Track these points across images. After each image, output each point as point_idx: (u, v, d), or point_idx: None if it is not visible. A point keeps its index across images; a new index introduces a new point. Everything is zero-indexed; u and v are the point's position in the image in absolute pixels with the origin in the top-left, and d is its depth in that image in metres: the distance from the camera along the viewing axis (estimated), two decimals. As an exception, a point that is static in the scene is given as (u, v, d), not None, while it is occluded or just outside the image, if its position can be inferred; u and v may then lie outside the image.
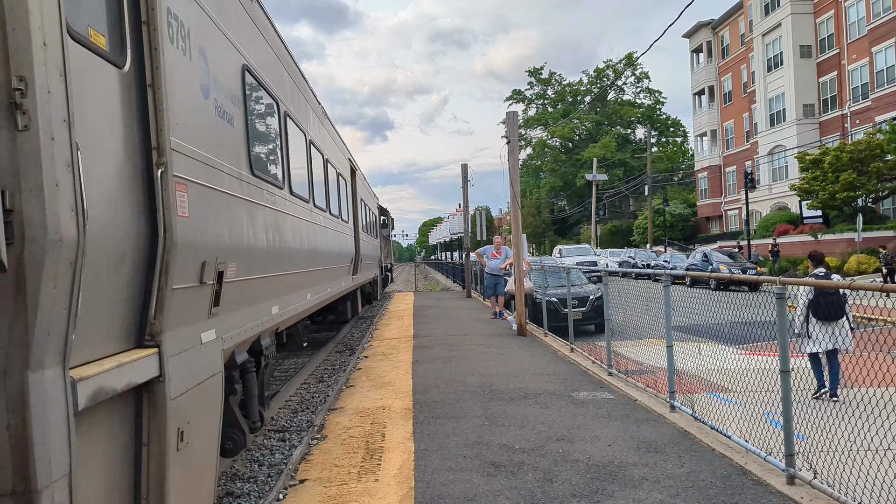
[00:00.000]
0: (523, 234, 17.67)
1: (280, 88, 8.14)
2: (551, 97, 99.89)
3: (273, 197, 7.16)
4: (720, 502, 5.66)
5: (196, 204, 4.52)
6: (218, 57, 5.30)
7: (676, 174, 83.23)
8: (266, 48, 7.43)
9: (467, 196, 32.99)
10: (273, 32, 7.97)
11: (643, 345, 11.76)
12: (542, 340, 15.70)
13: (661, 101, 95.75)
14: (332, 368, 14.04)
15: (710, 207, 67.64)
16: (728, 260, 35.66)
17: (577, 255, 48.19)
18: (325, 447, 7.77)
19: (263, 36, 7.28)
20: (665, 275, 9.22)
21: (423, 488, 6.23)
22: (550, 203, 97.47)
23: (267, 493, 6.62)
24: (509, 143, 17.06)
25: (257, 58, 6.78)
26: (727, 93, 65.01)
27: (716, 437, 7.43)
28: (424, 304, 28.47)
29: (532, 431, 7.99)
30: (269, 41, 7.59)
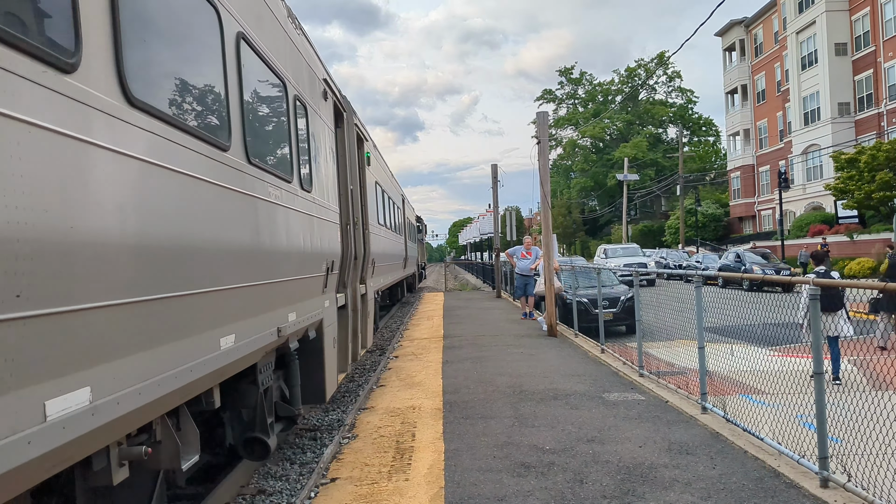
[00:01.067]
0: (553, 235, 17.59)
1: (388, 187, 16.63)
2: (582, 97, 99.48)
3: (381, 232, 15.38)
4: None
5: (374, 241, 12.61)
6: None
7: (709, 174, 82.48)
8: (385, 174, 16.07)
9: (497, 196, 32.99)
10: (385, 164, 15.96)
11: (674, 346, 11.69)
12: (572, 341, 15.65)
13: (693, 101, 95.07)
14: (362, 368, 14.12)
15: (743, 207, 66.95)
16: (761, 260, 35.25)
17: (624, 256, 42.66)
18: (355, 446, 7.82)
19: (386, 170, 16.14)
20: (697, 275, 9.16)
21: (454, 488, 6.25)
22: (581, 203, 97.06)
23: (299, 492, 6.68)
24: (540, 144, 17.03)
25: (383, 179, 16.11)
26: (760, 91, 64.31)
27: (748, 438, 7.37)
28: (454, 304, 28.50)
29: (562, 432, 7.98)
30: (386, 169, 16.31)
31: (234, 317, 4.82)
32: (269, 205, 5.71)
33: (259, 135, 5.76)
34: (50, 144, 2.81)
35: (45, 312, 2.75)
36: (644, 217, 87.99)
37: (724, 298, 8.98)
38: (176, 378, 3.89)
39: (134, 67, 3.63)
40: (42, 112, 2.82)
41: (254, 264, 5.24)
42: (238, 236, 4.96)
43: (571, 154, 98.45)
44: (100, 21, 3.34)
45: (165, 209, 3.81)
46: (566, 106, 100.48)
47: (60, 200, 2.85)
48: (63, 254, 2.85)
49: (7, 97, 2.60)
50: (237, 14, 5.16)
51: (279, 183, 6.06)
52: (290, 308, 6.36)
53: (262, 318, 5.49)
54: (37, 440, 2.72)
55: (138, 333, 3.50)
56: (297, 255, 6.58)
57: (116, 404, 3.28)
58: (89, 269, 3.05)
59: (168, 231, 3.84)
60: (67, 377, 2.92)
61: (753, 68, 65.35)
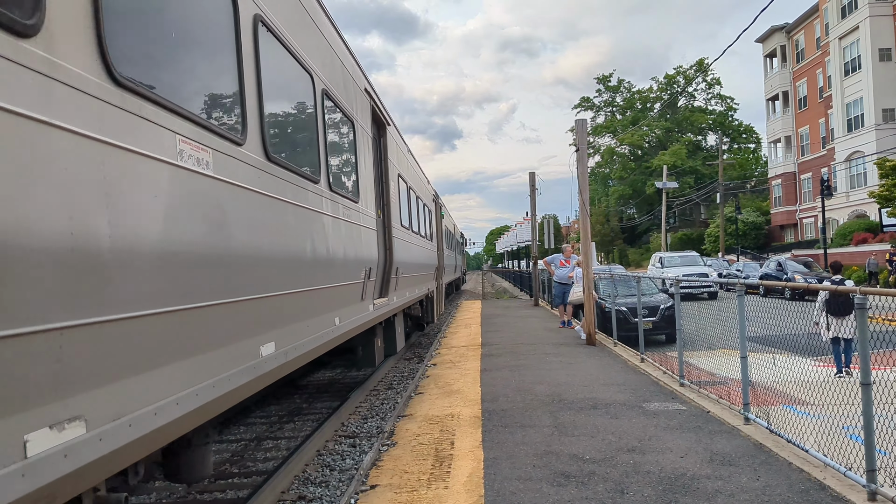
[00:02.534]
0: (592, 243, 17.51)
1: (415, 184, 15.85)
2: (620, 104, 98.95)
3: (412, 239, 14.41)
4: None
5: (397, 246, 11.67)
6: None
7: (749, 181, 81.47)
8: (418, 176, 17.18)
9: (535, 204, 32.89)
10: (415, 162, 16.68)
11: (716, 355, 11.54)
12: (611, 350, 15.54)
13: (734, 108, 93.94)
14: (401, 376, 14.15)
15: (785, 215, 66.00)
16: (804, 269, 34.73)
17: (682, 266, 37.88)
18: (394, 453, 7.83)
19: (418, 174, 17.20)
20: (738, 284, 9.05)
21: (493, 496, 6.24)
22: (619, 211, 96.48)
23: (338, 498, 6.71)
24: (578, 151, 16.97)
25: (417, 183, 16.00)
26: (802, 98, 63.42)
27: (792, 450, 7.25)
28: (492, 312, 28.45)
29: (602, 442, 7.92)
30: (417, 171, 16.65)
31: (450, 274, 14.42)
32: (450, 255, 9.75)
33: (429, 231, 11.46)
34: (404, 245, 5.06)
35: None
36: (683, 225, 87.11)
37: (765, 307, 8.87)
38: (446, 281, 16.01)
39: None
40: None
41: (452, 266, 14.45)
42: (448, 262, 11.50)
43: (610, 162, 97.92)
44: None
45: (431, 256, 8.19)
46: (604, 114, 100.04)
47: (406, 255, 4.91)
48: (408, 265, 6.15)
49: None
50: (452, 228, 9.24)
51: (449, 250, 12.27)
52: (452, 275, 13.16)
53: (450, 276, 13.75)
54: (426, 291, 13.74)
55: (429, 279, 12.21)
56: (452, 265, 12.50)
57: (441, 286, 13.33)
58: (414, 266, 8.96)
59: (428, 260, 8.10)
60: (421, 285, 13.11)
61: (795, 74, 64.47)
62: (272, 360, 5.13)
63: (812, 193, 59.61)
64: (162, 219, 3.41)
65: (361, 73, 9.72)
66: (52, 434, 2.58)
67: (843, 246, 46.44)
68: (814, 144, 61.09)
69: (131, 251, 3.13)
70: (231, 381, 4.31)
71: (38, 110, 2.50)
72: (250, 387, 4.68)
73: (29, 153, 2.47)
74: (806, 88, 62.46)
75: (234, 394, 4.38)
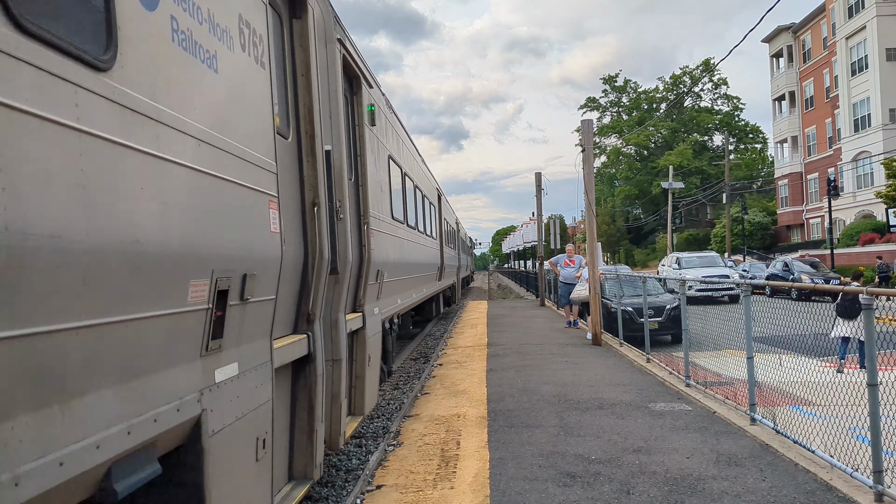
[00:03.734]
0: (598, 243, 17.48)
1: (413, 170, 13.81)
2: (626, 105, 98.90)
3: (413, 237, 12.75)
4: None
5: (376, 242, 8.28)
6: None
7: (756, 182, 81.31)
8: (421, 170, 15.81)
9: (541, 204, 32.89)
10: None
11: (722, 356, 11.53)
12: (617, 350, 15.53)
13: (740, 108, 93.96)
14: (406, 376, 14.16)
15: (791, 216, 65.87)
16: (810, 269, 34.65)
17: (702, 267, 35.67)
18: (400, 454, 7.84)
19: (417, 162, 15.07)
20: (744, 284, 9.04)
21: (499, 497, 6.24)
22: (625, 211, 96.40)
23: (344, 498, 6.72)
24: (584, 151, 16.96)
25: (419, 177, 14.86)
26: (809, 98, 63.28)
27: (799, 451, 7.24)
28: (498, 312, 28.45)
29: (608, 442, 7.92)
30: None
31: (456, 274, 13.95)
32: (456, 255, 11.17)
33: (438, 233, 14.55)
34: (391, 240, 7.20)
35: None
36: (689, 225, 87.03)
37: (772, 308, 8.86)
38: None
39: None
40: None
41: (464, 265, 18.86)
42: (450, 262, 13.66)
43: (616, 162, 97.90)
44: None
45: (423, 254, 11.11)
46: (610, 114, 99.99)
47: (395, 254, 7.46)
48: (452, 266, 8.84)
49: None
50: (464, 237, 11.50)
51: (455, 250, 14.65)
52: (461, 272, 13.50)
53: (461, 272, 13.55)
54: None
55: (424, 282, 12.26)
56: (463, 265, 18.15)
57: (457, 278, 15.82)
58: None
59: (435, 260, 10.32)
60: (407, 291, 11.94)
61: (801, 74, 64.35)
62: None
63: (819, 194, 59.46)
64: None
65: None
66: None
67: (849, 246, 46.31)
68: (820, 144, 60.93)
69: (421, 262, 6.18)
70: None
71: (388, 230, 5.21)
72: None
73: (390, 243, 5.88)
74: (812, 88, 62.32)
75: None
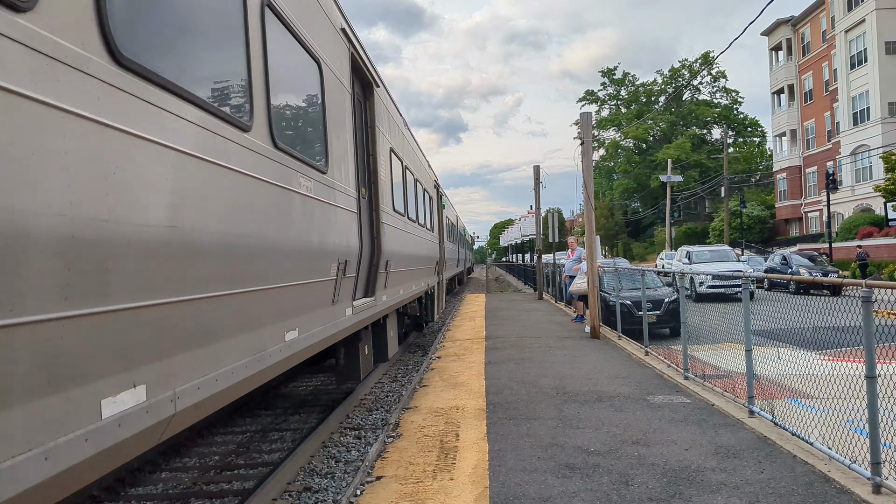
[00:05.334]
0: (597, 236, 17.49)
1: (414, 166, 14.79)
2: (625, 98, 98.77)
3: (409, 227, 12.96)
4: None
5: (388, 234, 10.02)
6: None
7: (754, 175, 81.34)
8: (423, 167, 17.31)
9: (539, 198, 32.89)
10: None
11: (720, 349, 11.56)
12: (615, 343, 15.55)
13: (739, 101, 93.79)
14: (405, 368, 14.19)
15: (790, 209, 65.92)
16: (808, 263, 34.67)
17: (714, 262, 32.70)
18: (400, 445, 7.86)
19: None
20: (744, 278, 9.05)
21: (498, 488, 6.26)
22: (624, 205, 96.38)
23: (344, 489, 6.75)
24: (583, 145, 16.97)
25: (416, 164, 15.30)
26: (808, 91, 63.27)
27: (797, 443, 7.26)
28: (496, 305, 28.48)
29: (607, 434, 7.95)
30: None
31: (456, 266, 17.42)
32: (461, 250, 15.71)
33: (441, 229, 17.51)
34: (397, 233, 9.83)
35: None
36: (688, 219, 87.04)
37: (770, 301, 8.87)
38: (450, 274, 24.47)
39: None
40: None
41: (463, 259, 21.00)
42: (451, 256, 17.00)
43: (614, 155, 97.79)
44: None
45: (425, 247, 12.98)
46: (609, 107, 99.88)
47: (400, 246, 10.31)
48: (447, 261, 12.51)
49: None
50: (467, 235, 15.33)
51: (455, 244, 18.88)
52: (460, 266, 15.77)
53: (461, 265, 16.04)
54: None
55: (424, 274, 14.90)
56: (462, 259, 22.01)
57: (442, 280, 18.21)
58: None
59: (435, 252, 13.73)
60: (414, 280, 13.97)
61: (801, 68, 64.32)
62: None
63: (817, 187, 59.51)
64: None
65: (335, 3, 7.81)
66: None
67: (848, 240, 46.35)
68: (819, 138, 60.96)
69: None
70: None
71: (392, 223, 5.79)
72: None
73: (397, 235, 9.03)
74: (812, 82, 62.30)
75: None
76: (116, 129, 3.03)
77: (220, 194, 4.20)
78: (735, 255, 36.80)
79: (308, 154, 6.16)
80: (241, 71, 4.74)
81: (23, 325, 2.47)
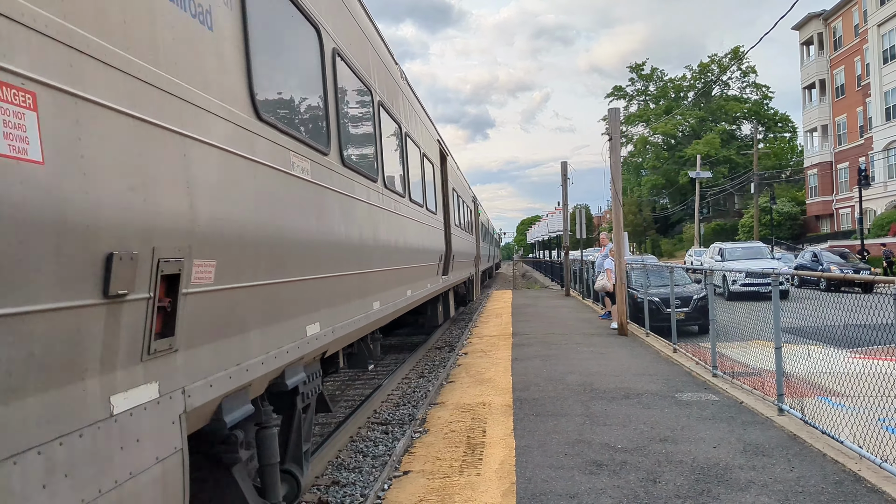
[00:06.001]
0: (625, 233, 17.40)
1: (462, 192, 22.09)
2: (653, 93, 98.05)
3: (461, 234, 19.72)
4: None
5: (455, 240, 17.12)
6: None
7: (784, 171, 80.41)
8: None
9: (567, 194, 32.79)
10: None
11: (749, 346, 11.46)
12: (643, 340, 15.48)
13: (769, 96, 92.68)
14: (431, 365, 14.23)
15: (821, 206, 65.09)
16: (840, 260, 34.23)
17: (747, 259, 31.03)
18: (427, 440, 7.90)
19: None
20: (773, 275, 8.98)
21: (525, 484, 6.28)
22: (652, 201, 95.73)
23: (372, 483, 6.79)
24: (611, 140, 16.89)
25: (463, 191, 23.16)
26: (839, 86, 62.37)
27: (827, 441, 7.20)
28: (522, 302, 28.44)
29: (634, 431, 7.93)
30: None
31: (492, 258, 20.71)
32: (480, 245, 23.52)
33: (467, 225, 22.26)
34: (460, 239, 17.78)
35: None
36: (716, 215, 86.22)
37: (800, 299, 8.79)
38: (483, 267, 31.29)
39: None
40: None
41: (492, 254, 27.45)
42: (483, 252, 23.71)
43: (642, 151, 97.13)
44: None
45: (467, 245, 18.83)
46: (637, 102, 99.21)
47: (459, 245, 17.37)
48: (456, 252, 17.15)
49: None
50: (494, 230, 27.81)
51: (472, 238, 22.90)
52: (493, 259, 19.76)
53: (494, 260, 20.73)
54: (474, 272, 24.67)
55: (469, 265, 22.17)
56: (492, 255, 28.46)
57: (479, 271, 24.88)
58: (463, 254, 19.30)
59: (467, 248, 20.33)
60: (467, 269, 22.16)
61: (832, 62, 63.41)
62: (379, 311, 7.87)
63: (849, 183, 58.70)
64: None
65: (433, 126, 14.89)
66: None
67: (880, 237, 45.71)
68: (851, 133, 60.09)
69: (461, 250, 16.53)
70: (359, 322, 6.92)
71: (459, 235, 17.82)
72: (367, 327, 7.44)
73: (458, 239, 17.46)
74: (843, 76, 61.41)
75: (362, 329, 7.20)
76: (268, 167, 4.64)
77: (398, 226, 9.02)
78: (769, 253, 35.74)
79: (423, 201, 11.84)
80: (401, 169, 9.95)
81: (265, 286, 4.31)
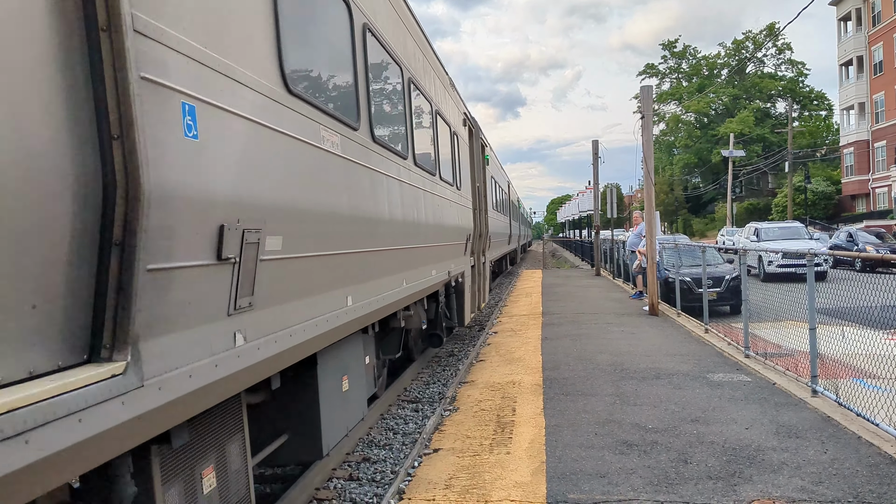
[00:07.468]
0: (656, 212, 17.25)
1: (499, 178, 26.03)
2: (686, 71, 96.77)
3: (498, 217, 23.52)
4: (867, 492, 5.43)
5: (492, 222, 18.98)
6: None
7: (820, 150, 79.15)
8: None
9: (597, 172, 32.51)
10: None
11: (783, 327, 11.33)
12: (674, 320, 15.38)
13: (805, 73, 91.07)
14: (461, 342, 14.25)
15: (856, 185, 64.02)
16: (876, 240, 33.70)
17: (783, 239, 29.67)
18: (457, 419, 7.92)
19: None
20: (809, 254, 8.85)
21: (555, 463, 6.27)
22: (684, 180, 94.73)
23: (402, 461, 6.83)
24: (643, 119, 16.71)
25: (501, 177, 27.85)
26: (878, 63, 61.09)
27: (862, 423, 7.11)
28: (552, 282, 28.36)
29: (665, 412, 7.88)
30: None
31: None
32: (502, 222, 22.65)
33: (503, 209, 25.20)
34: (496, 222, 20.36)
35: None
36: (750, 195, 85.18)
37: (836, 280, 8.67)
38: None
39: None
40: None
41: (522, 234, 28.42)
42: (507, 230, 24.41)
43: (675, 130, 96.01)
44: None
45: (500, 225, 20.59)
46: (670, 80, 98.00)
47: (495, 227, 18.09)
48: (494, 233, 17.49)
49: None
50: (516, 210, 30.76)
51: (505, 219, 24.40)
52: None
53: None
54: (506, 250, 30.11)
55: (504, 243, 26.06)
56: (523, 234, 32.25)
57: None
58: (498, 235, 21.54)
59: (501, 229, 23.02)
60: (500, 248, 25.46)
61: (870, 39, 62.09)
62: (406, 290, 7.74)
63: (886, 162, 57.66)
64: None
65: (461, 101, 14.08)
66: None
67: (918, 217, 44.94)
68: (889, 111, 58.90)
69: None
70: (392, 295, 7.06)
71: (495, 217, 20.38)
72: (397, 304, 7.42)
73: (495, 222, 20.44)
74: (882, 53, 60.12)
75: (398, 302, 7.36)
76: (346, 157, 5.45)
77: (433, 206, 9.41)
78: (807, 233, 34.60)
79: (454, 181, 11.58)
80: (451, 160, 11.61)
81: (345, 254, 5.25)
